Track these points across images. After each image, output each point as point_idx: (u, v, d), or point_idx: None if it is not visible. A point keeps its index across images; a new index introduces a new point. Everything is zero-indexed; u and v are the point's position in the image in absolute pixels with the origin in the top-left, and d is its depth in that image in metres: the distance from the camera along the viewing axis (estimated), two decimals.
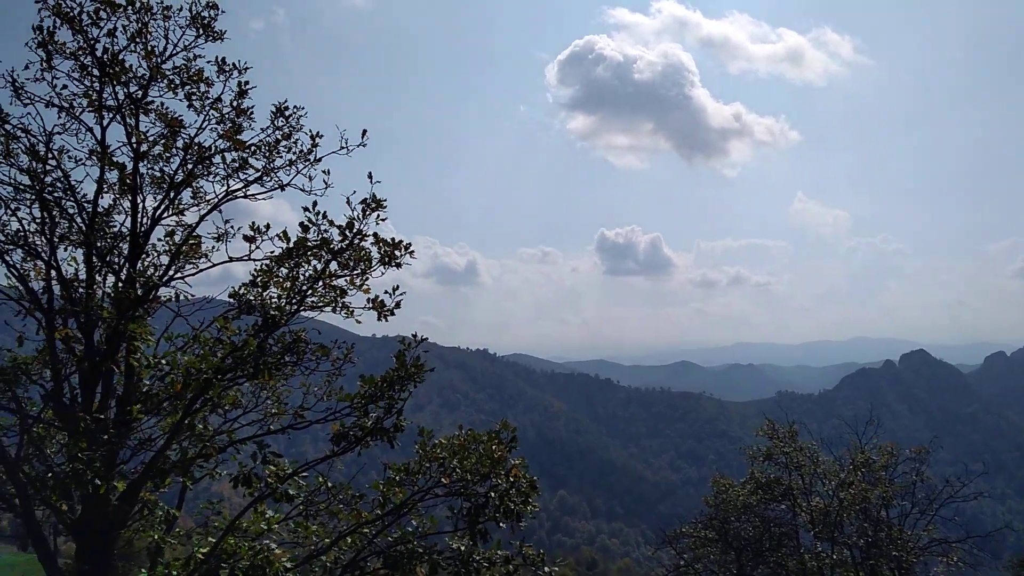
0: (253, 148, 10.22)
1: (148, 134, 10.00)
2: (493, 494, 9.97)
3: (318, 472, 10.57)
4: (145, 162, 10.13)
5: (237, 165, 10.27)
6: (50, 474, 8.83)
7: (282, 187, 10.50)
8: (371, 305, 9.70)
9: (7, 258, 9.60)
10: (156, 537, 10.00)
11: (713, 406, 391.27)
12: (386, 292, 9.65)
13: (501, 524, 9.92)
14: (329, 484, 10.62)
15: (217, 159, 10.26)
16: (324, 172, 10.08)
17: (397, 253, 9.67)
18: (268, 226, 9.53)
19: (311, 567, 10.61)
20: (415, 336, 10.18)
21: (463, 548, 10.02)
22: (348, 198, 9.16)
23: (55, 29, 9.12)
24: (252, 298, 9.68)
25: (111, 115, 9.53)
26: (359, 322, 9.94)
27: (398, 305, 9.69)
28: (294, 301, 9.59)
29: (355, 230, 9.30)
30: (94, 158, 9.66)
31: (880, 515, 21.88)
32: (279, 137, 10.36)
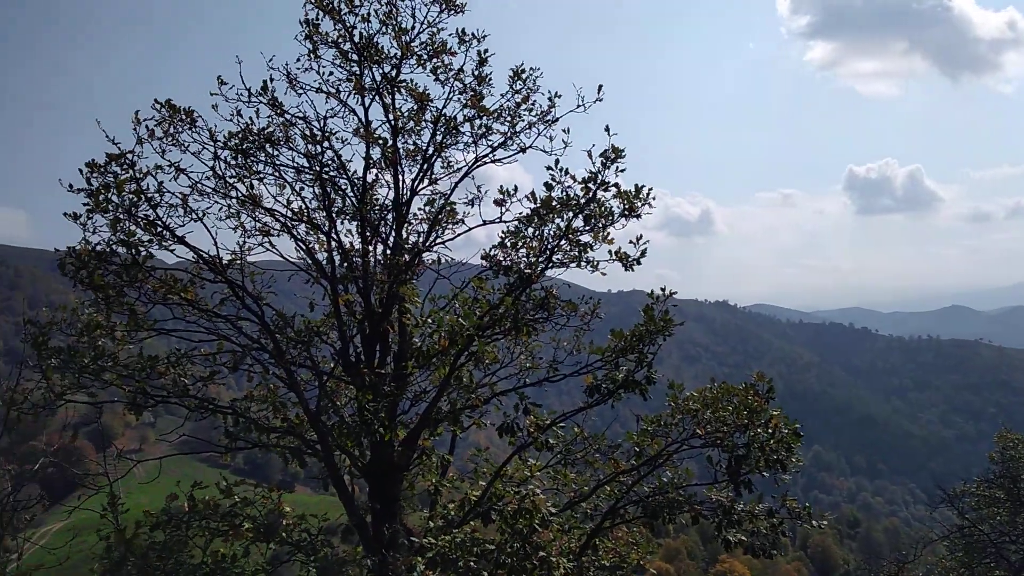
0: (496, 114, 10.65)
1: (401, 110, 10.81)
2: (754, 444, 9.76)
3: (574, 423, 10.98)
4: (401, 136, 10.94)
5: (482, 132, 10.77)
6: (344, 423, 10.01)
7: (523, 149, 10.85)
8: (615, 257, 9.80)
9: (295, 233, 10.87)
10: (434, 481, 11.00)
11: (992, 354, 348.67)
12: (630, 242, 9.70)
13: (764, 474, 9.70)
14: (585, 434, 11.00)
15: (464, 128, 10.83)
16: (564, 131, 10.26)
17: (637, 203, 9.66)
18: (516, 188, 9.93)
19: (572, 512, 11.11)
20: (663, 289, 10.15)
21: (724, 499, 9.94)
22: (589, 151, 9.29)
23: (318, 21, 10.11)
24: (502, 258, 10.20)
25: (371, 95, 10.41)
26: (604, 275, 10.08)
27: (643, 254, 9.70)
28: (541, 259, 9.95)
29: (598, 182, 9.42)
30: (359, 137, 10.62)
31: None
32: (518, 101, 10.68)
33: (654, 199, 9.57)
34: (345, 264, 10.74)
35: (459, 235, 11.18)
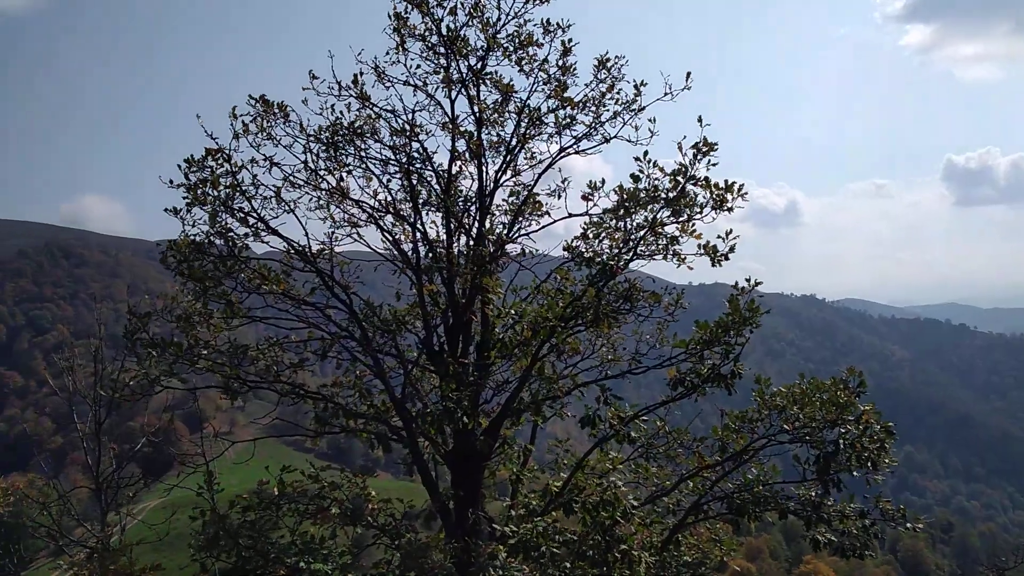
0: (580, 104, 10.58)
1: (486, 101, 10.87)
2: (843, 441, 9.47)
3: (657, 416, 10.87)
4: (485, 128, 11.01)
5: (566, 122, 10.72)
6: (428, 411, 10.19)
7: (607, 140, 10.76)
8: (703, 251, 9.62)
9: (381, 224, 11.10)
10: (515, 470, 11.10)
11: None
12: (719, 237, 9.50)
13: (854, 473, 9.40)
14: (667, 428, 10.89)
15: (548, 118, 10.80)
16: (650, 120, 10.12)
17: (728, 197, 9.44)
18: (603, 181, 9.87)
19: (654, 506, 11.03)
20: (748, 280, 9.92)
21: (813, 496, 9.69)
22: (679, 143, 9.13)
23: (407, 14, 10.27)
24: (584, 250, 10.15)
25: (458, 88, 10.51)
26: (691, 268, 9.92)
27: (732, 249, 9.49)
28: (625, 251, 9.85)
29: (687, 175, 9.25)
30: (445, 129, 10.75)
31: None
32: (603, 90, 10.59)
33: (746, 194, 9.34)
34: (430, 255, 10.92)
35: (543, 227, 11.20)
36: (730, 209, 9.47)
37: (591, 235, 10.05)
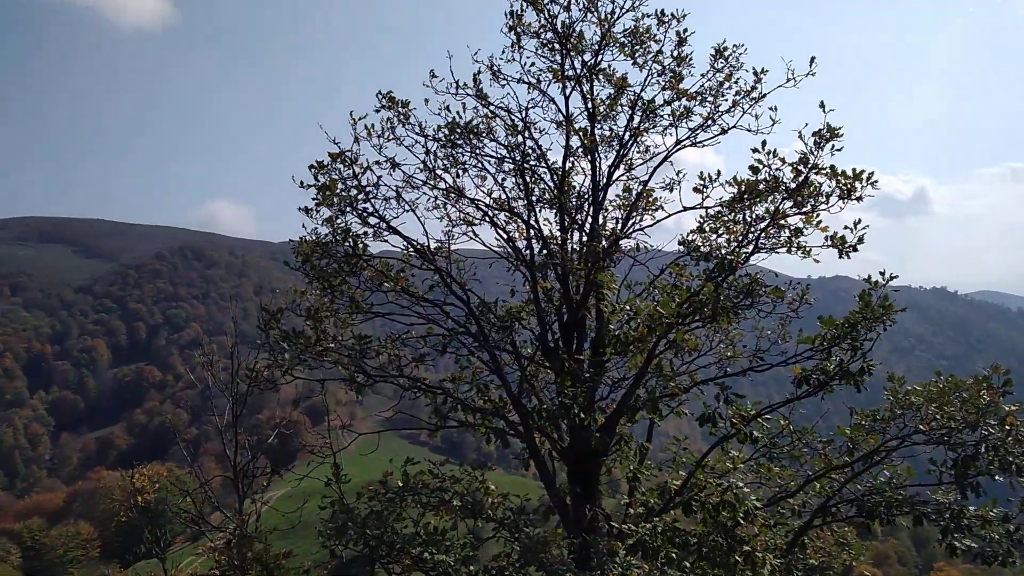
0: (696, 95, 10.37)
1: (599, 96, 10.82)
2: (985, 444, 8.88)
3: (780, 415, 10.52)
4: (597, 123, 10.96)
5: (681, 114, 10.53)
6: (544, 407, 10.27)
7: (725, 131, 10.50)
8: (831, 243, 9.22)
9: (496, 221, 11.25)
10: (632, 468, 10.99)
11: None
12: (845, 227, 9.08)
13: (997, 477, 8.81)
14: (792, 428, 10.52)
15: (663, 111, 10.65)
16: (771, 109, 9.80)
17: (857, 185, 9.01)
18: (719, 172, 9.64)
19: (778, 508, 10.68)
20: (882, 273, 9.44)
21: (951, 501, 9.14)
22: (800, 131, 8.80)
23: (522, 12, 10.36)
24: (700, 244, 9.94)
25: (572, 84, 10.52)
26: (817, 261, 9.53)
27: (861, 240, 9.06)
28: (745, 244, 9.58)
29: (810, 165, 8.90)
30: (559, 127, 10.79)
31: None
32: (720, 80, 10.34)
33: (876, 182, 8.89)
34: (544, 251, 10.97)
35: (657, 221, 11.06)
36: (859, 198, 9.04)
37: (707, 229, 9.84)
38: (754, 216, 9.49)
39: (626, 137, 10.90)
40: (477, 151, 10.80)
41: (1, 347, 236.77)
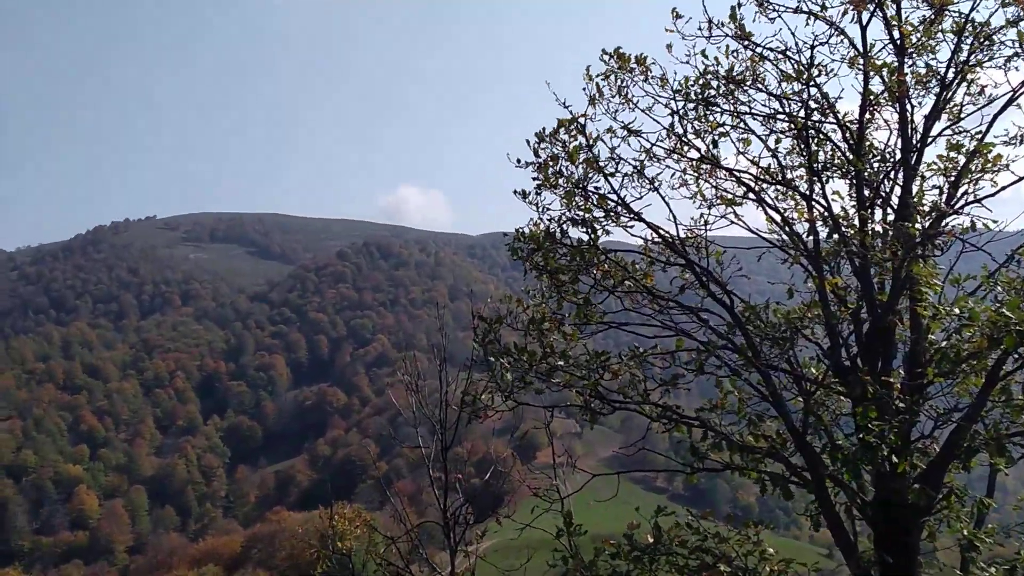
0: None
1: (910, 20, 10.22)
2: None
3: None
4: (908, 59, 10.36)
5: None
6: (839, 446, 9.82)
7: None
8: None
9: (764, 198, 10.92)
10: (966, 532, 10.24)
11: None
12: None
13: None
14: None
15: (1003, 36, 9.90)
16: None
17: None
18: None
19: None
20: None
21: None
22: None
23: None
24: None
25: (871, 8, 10.00)
26: None
27: None
28: None
29: None
30: (852, 66, 10.29)
31: None
32: None
33: None
34: (834, 236, 10.53)
35: (1000, 189, 10.25)
36: None
37: None
38: None
39: (950, 76, 10.23)
40: (736, 107, 10.57)
41: (173, 366, 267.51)
